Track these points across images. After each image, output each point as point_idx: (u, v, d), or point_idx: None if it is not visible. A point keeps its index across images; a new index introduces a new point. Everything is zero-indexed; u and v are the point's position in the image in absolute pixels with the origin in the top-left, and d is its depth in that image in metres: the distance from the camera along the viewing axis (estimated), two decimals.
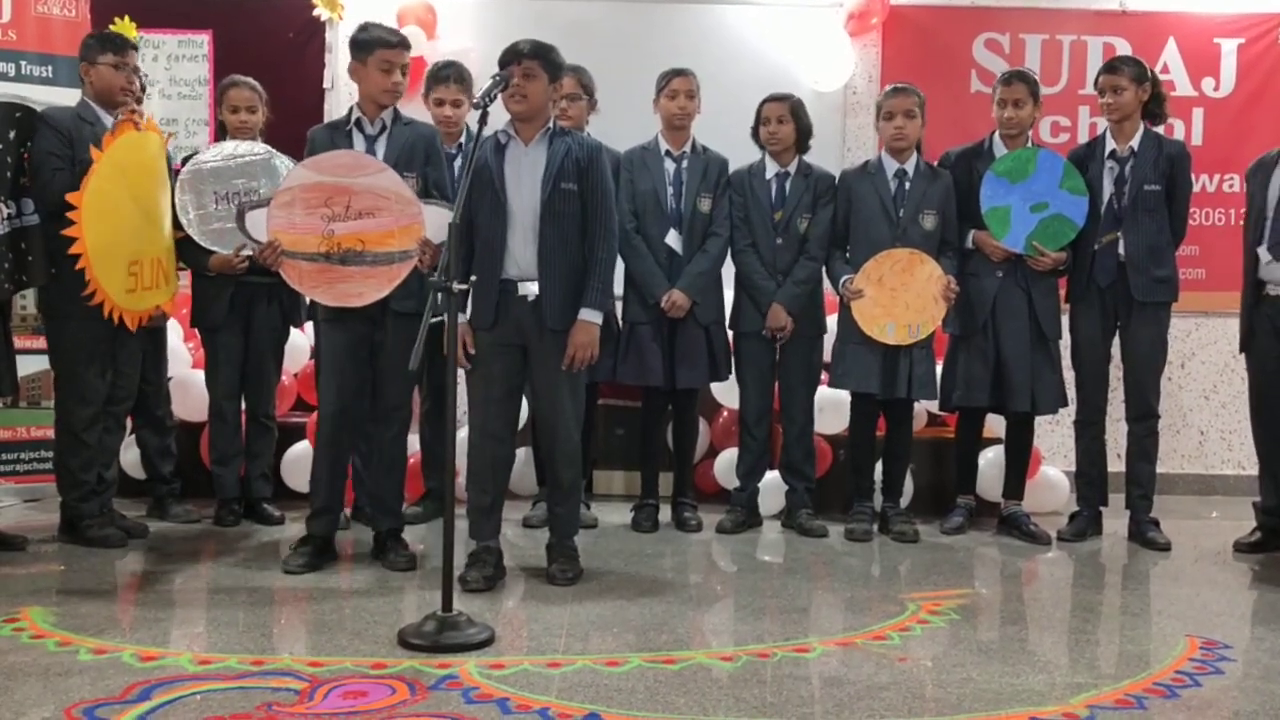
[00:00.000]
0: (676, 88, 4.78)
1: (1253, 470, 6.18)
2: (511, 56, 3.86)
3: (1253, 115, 6.18)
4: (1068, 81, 6.17)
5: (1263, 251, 4.62)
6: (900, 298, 4.67)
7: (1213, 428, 6.22)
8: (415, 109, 5.04)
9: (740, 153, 4.92)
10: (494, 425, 4.01)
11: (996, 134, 4.87)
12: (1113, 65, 4.78)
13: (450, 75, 4.84)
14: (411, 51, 5.78)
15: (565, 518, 4.12)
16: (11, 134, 4.21)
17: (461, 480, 4.31)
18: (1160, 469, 5.09)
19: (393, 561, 4.16)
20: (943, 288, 4.66)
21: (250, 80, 4.86)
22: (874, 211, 4.78)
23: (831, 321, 4.97)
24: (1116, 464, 5.12)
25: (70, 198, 4.11)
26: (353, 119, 4.18)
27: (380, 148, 4.14)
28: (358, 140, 4.15)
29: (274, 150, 4.71)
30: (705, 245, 4.82)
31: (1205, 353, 6.21)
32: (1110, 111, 4.74)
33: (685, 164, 4.83)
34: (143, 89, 4.91)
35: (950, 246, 4.80)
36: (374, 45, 4.15)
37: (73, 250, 4.12)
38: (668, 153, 4.84)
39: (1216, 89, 6.20)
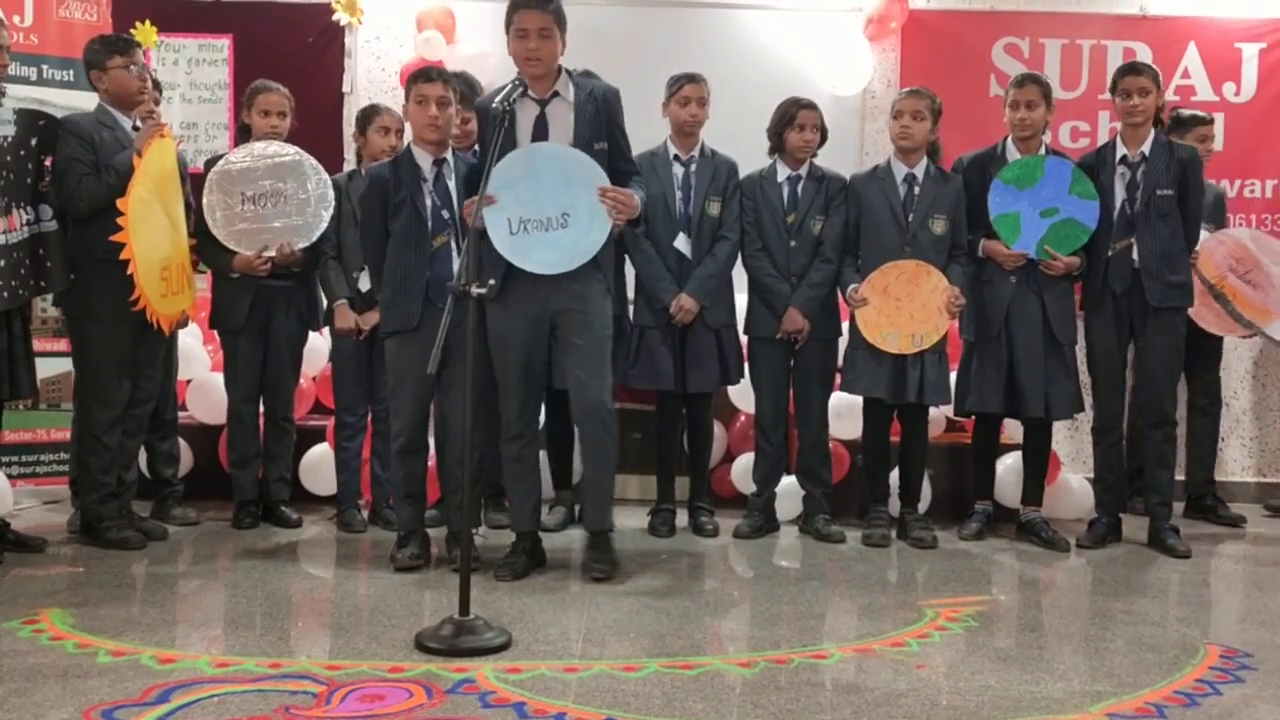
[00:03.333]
0: (688, 94, 4.77)
1: (1274, 478, 6.18)
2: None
3: (1274, 120, 6.16)
4: (1087, 86, 6.16)
5: None
6: (905, 308, 4.66)
7: (1233, 434, 6.17)
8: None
9: (758, 157, 4.91)
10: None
11: (1010, 138, 4.86)
12: (1137, 67, 4.74)
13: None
14: (431, 56, 5.87)
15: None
16: (33, 141, 4.24)
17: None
18: (1180, 476, 5.06)
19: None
20: (948, 300, 4.64)
21: (281, 86, 4.88)
22: (883, 217, 4.77)
23: (846, 326, 4.96)
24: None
25: (119, 204, 4.16)
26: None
27: None
28: None
29: (303, 152, 4.73)
30: (713, 249, 4.81)
31: (1225, 359, 6.16)
32: (1135, 114, 4.68)
33: (694, 168, 4.82)
34: (157, 88, 4.94)
35: (962, 250, 4.78)
36: None
37: (123, 256, 4.18)
38: (676, 157, 4.83)
39: (1237, 94, 6.17)
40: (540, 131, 4.02)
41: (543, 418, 4.68)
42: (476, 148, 4.87)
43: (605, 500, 4.19)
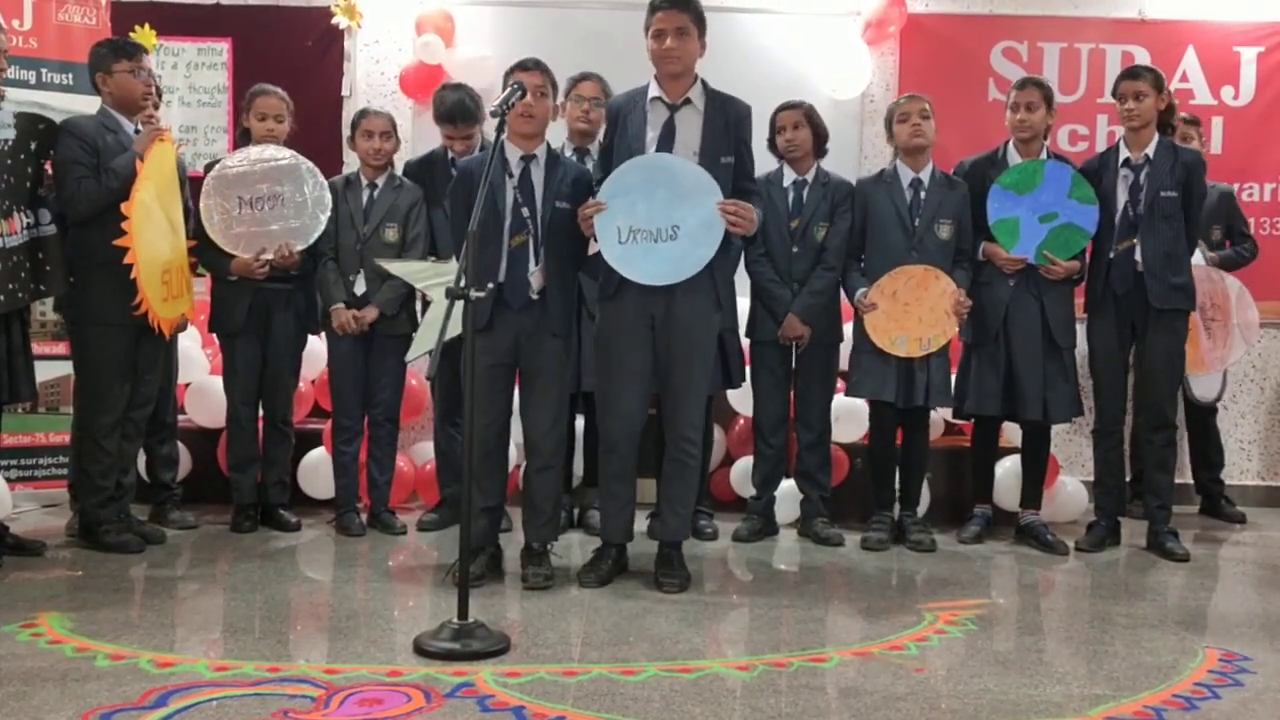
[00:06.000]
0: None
1: (1273, 481, 6.18)
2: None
3: (1273, 124, 6.17)
4: (1086, 90, 6.16)
5: None
6: (913, 312, 4.66)
7: (1232, 438, 6.16)
8: (428, 121, 5.09)
9: (758, 160, 4.90)
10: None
11: (1011, 143, 4.86)
12: (1134, 72, 4.76)
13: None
14: (430, 60, 5.88)
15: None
16: (33, 145, 4.24)
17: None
18: (1179, 479, 5.06)
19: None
20: (954, 303, 4.65)
21: (279, 90, 4.88)
22: (889, 221, 4.78)
23: (849, 330, 4.97)
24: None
25: (123, 208, 4.16)
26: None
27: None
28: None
29: (299, 155, 4.73)
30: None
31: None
32: (1131, 118, 4.70)
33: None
34: (158, 93, 4.95)
35: (966, 256, 4.79)
36: None
37: (127, 260, 4.18)
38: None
39: (1236, 98, 6.18)
40: (668, 136, 3.98)
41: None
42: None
43: (686, 512, 4.18)
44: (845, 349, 4.97)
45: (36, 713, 2.74)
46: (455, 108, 4.81)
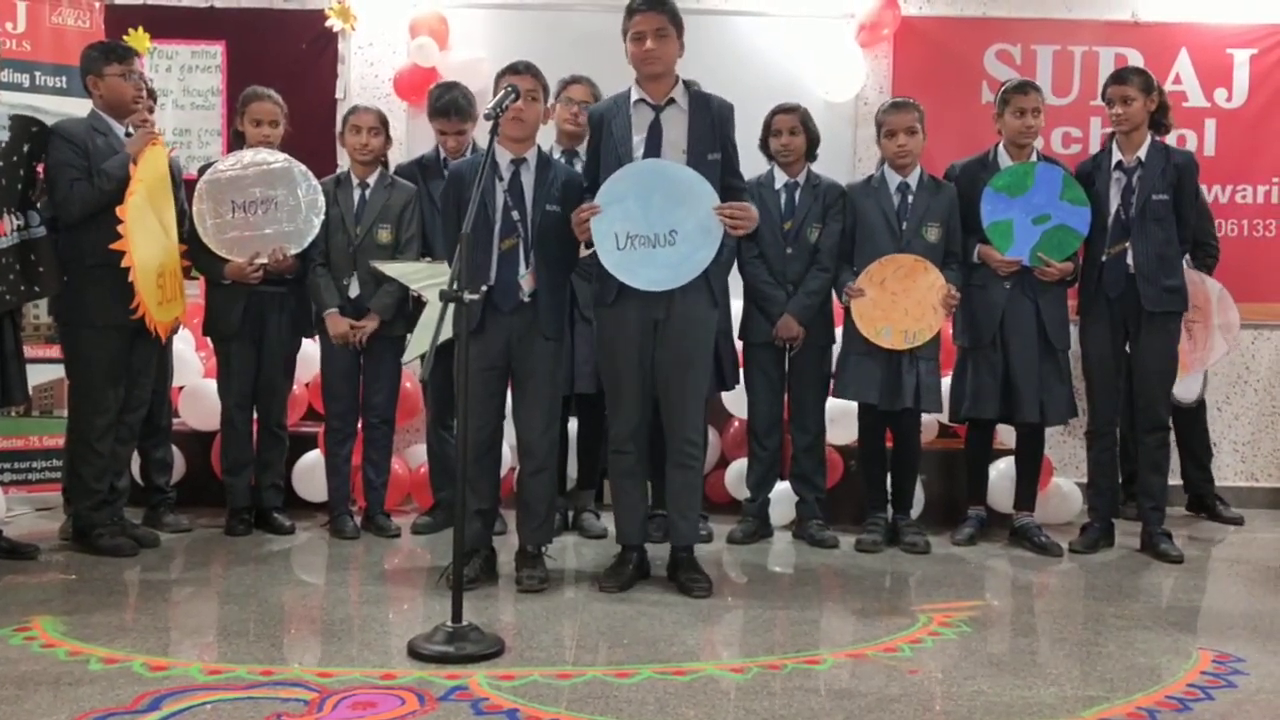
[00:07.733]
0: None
1: (1267, 483, 6.19)
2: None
3: (1265, 126, 6.17)
4: (1079, 93, 6.16)
5: None
6: (900, 303, 4.67)
7: (1226, 440, 6.18)
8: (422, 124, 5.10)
9: (753, 162, 4.91)
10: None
11: (1001, 145, 4.86)
12: (1121, 75, 4.77)
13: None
14: (424, 63, 5.88)
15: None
16: (26, 147, 4.24)
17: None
18: (1173, 481, 5.06)
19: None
20: (942, 296, 4.65)
21: (273, 94, 4.87)
22: (878, 225, 4.79)
23: (840, 332, 4.97)
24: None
25: (118, 211, 4.16)
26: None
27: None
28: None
29: (292, 159, 4.73)
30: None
31: (1218, 364, 6.17)
32: (1120, 122, 4.71)
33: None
34: (151, 96, 4.94)
35: (955, 258, 4.79)
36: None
37: (124, 264, 4.18)
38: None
39: (1229, 100, 6.18)
40: (654, 137, 3.99)
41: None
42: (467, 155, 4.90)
43: (695, 515, 4.16)
44: (837, 350, 4.97)
45: (29, 717, 2.74)
46: (450, 103, 4.84)
